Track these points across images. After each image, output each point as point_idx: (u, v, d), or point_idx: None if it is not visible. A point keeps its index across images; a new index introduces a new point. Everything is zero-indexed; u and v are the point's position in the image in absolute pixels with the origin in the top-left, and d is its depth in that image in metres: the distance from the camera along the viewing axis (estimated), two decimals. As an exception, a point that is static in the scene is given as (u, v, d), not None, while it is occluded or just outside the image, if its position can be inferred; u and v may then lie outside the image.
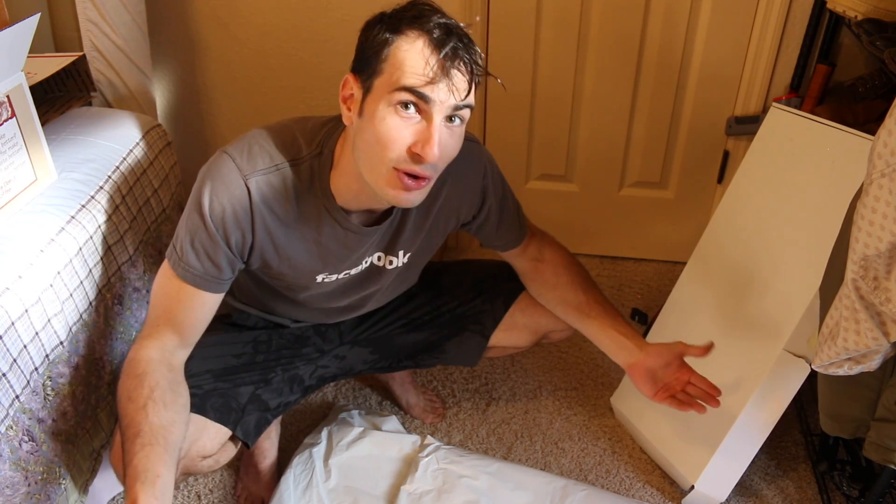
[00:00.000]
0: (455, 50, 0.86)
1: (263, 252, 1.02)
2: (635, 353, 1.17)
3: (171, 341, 1.01)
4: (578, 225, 2.07)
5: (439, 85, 0.86)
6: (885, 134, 0.79)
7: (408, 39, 0.86)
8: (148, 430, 0.89)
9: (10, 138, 1.08)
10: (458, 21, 0.90)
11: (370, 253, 1.10)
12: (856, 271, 0.85)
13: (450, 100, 0.87)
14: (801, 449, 1.49)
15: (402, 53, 0.86)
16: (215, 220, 0.96)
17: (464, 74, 0.87)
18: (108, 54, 1.61)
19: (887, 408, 1.01)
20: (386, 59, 0.87)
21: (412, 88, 0.86)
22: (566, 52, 1.81)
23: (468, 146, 1.09)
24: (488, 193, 1.15)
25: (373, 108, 0.89)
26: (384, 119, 0.88)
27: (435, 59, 0.85)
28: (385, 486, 1.35)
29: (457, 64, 0.86)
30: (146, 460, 0.86)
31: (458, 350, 1.33)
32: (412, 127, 0.88)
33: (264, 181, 0.97)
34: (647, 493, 1.41)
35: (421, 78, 0.85)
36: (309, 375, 1.27)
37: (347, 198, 1.00)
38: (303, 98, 1.94)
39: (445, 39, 0.86)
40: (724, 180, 1.92)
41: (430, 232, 1.13)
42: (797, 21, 1.67)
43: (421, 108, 0.87)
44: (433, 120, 0.87)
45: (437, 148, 0.88)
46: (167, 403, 0.94)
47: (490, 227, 1.19)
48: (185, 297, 1.00)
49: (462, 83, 0.87)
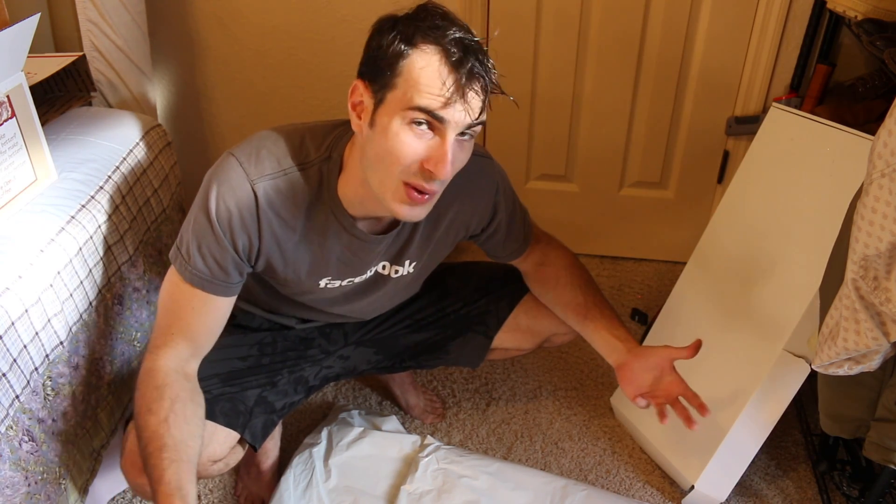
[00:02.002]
0: (472, 70, 0.85)
1: (270, 256, 1.01)
2: (623, 354, 1.17)
3: (184, 350, 1.00)
4: (578, 225, 2.07)
5: (455, 106, 0.85)
6: (885, 134, 0.79)
7: (424, 55, 0.85)
8: (173, 445, 0.90)
9: (10, 138, 1.08)
10: (470, 28, 0.88)
11: (376, 262, 1.09)
12: (856, 271, 0.85)
13: (465, 119, 0.86)
14: (801, 449, 1.49)
15: (418, 71, 0.84)
16: (222, 225, 0.95)
17: (479, 94, 0.86)
18: (108, 54, 1.61)
19: (887, 408, 1.01)
20: (400, 74, 0.85)
21: (429, 110, 0.85)
22: (566, 51, 1.81)
23: (482, 163, 1.10)
24: (499, 210, 1.15)
25: (385, 121, 0.88)
26: (397, 134, 0.87)
27: (452, 79, 0.84)
28: (385, 486, 1.35)
29: (473, 84, 0.85)
30: (178, 477, 0.88)
31: (462, 351, 1.33)
32: (425, 143, 0.87)
33: (271, 186, 0.96)
34: (647, 493, 1.41)
35: (437, 99, 0.84)
36: (314, 376, 1.27)
37: (354, 203, 0.99)
38: (303, 98, 1.94)
39: (463, 59, 0.84)
40: (724, 180, 1.92)
41: (438, 243, 1.13)
42: (797, 21, 1.67)
43: (434, 126, 0.87)
44: (447, 138, 0.87)
45: (451, 166, 0.88)
46: (188, 417, 0.94)
47: (497, 240, 1.20)
48: (196, 302, 0.99)
49: (477, 103, 0.86)
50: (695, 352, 1.10)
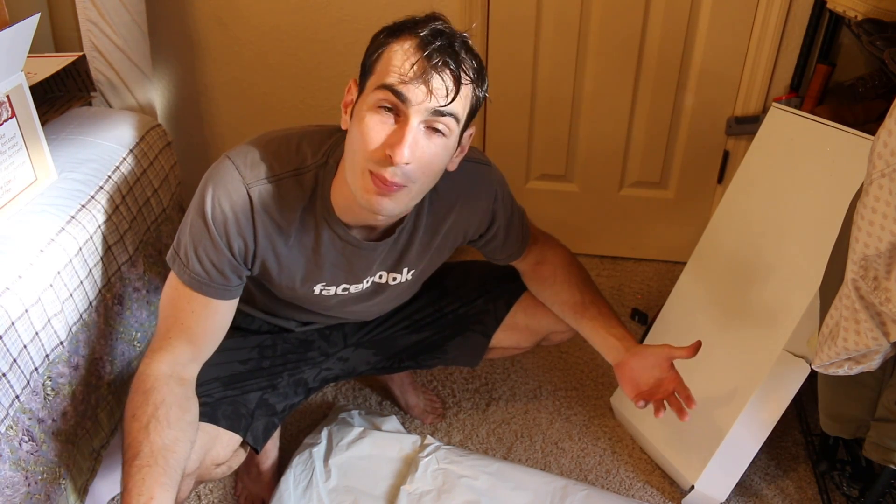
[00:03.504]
0: (439, 51, 0.85)
1: (265, 260, 1.01)
2: (622, 353, 1.16)
3: (183, 354, 0.99)
4: (578, 225, 2.07)
5: (417, 85, 0.84)
6: (885, 134, 0.79)
7: (399, 42, 0.87)
8: (148, 451, 0.88)
9: (10, 138, 1.08)
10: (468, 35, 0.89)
11: (374, 272, 1.09)
12: (856, 271, 0.85)
13: (427, 102, 0.85)
14: (801, 449, 1.49)
15: (391, 54, 0.87)
16: (218, 228, 0.95)
17: (446, 80, 0.86)
18: (108, 54, 1.61)
19: (887, 408, 1.01)
20: (378, 61, 0.88)
21: (390, 86, 0.85)
22: (566, 51, 1.81)
23: (480, 170, 1.10)
24: (497, 216, 1.15)
25: (360, 108, 0.89)
26: (363, 119, 0.87)
27: (417, 57, 0.85)
28: (385, 486, 1.35)
29: (439, 66, 0.85)
30: (141, 483, 0.86)
31: (460, 350, 1.33)
32: (389, 128, 0.87)
33: (266, 190, 0.96)
34: (647, 493, 1.41)
35: (400, 77, 0.85)
36: (313, 378, 1.28)
37: (344, 210, 0.99)
38: (302, 98, 1.94)
39: (431, 41, 0.85)
40: (724, 180, 1.92)
41: (436, 251, 1.13)
42: (797, 21, 1.67)
43: (399, 111, 0.86)
44: (409, 122, 0.86)
45: (408, 150, 0.85)
46: (171, 421, 0.92)
47: (495, 245, 1.20)
48: (195, 305, 0.99)
49: (442, 87, 0.85)
50: (694, 352, 1.10)
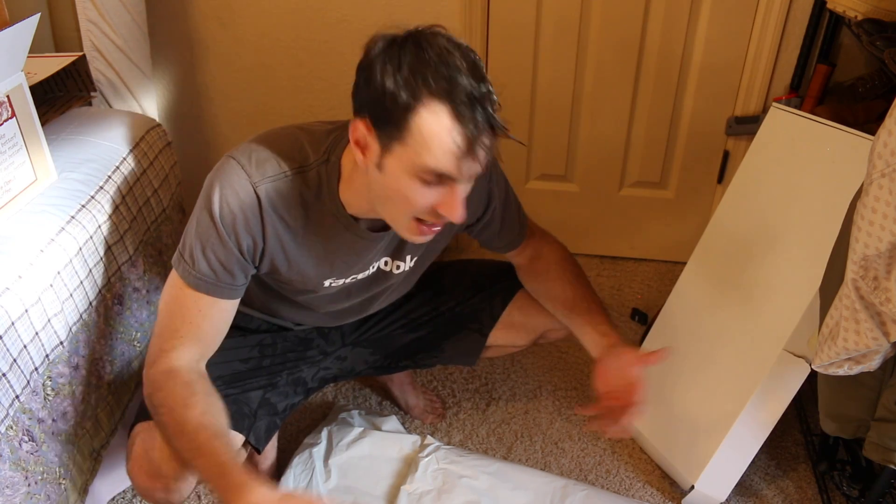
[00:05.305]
0: (481, 125, 0.83)
1: (274, 258, 1.02)
2: (601, 350, 1.14)
3: (195, 352, 1.00)
4: (578, 225, 2.07)
5: (465, 161, 0.85)
6: (885, 134, 0.79)
7: (432, 115, 0.82)
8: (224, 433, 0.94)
9: (10, 138, 1.08)
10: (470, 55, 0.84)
11: (378, 258, 1.10)
12: (856, 271, 0.86)
13: (476, 170, 0.87)
14: (801, 449, 1.49)
15: (428, 129, 0.82)
16: (227, 226, 0.96)
17: (490, 140, 0.86)
18: (108, 54, 1.61)
19: (887, 408, 1.01)
20: (408, 131, 0.83)
21: (441, 173, 0.85)
22: (566, 51, 1.81)
23: None
24: (493, 196, 1.15)
25: (395, 168, 0.87)
26: (409, 186, 0.87)
27: (462, 138, 0.83)
28: (385, 487, 1.35)
29: (482, 138, 0.84)
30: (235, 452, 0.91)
31: (457, 349, 1.33)
32: (437, 192, 0.88)
33: (273, 188, 0.96)
34: (647, 493, 1.41)
35: (449, 161, 0.84)
36: (311, 377, 1.28)
37: (356, 209, 1.01)
38: (302, 98, 1.94)
39: (472, 115, 0.82)
40: (724, 180, 1.92)
41: (436, 237, 1.13)
42: (797, 21, 1.67)
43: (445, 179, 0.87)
44: (459, 187, 0.88)
45: (462, 209, 0.89)
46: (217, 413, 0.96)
47: (493, 229, 1.20)
48: (202, 305, 0.99)
49: (485, 151, 0.86)
50: (659, 359, 1.06)
